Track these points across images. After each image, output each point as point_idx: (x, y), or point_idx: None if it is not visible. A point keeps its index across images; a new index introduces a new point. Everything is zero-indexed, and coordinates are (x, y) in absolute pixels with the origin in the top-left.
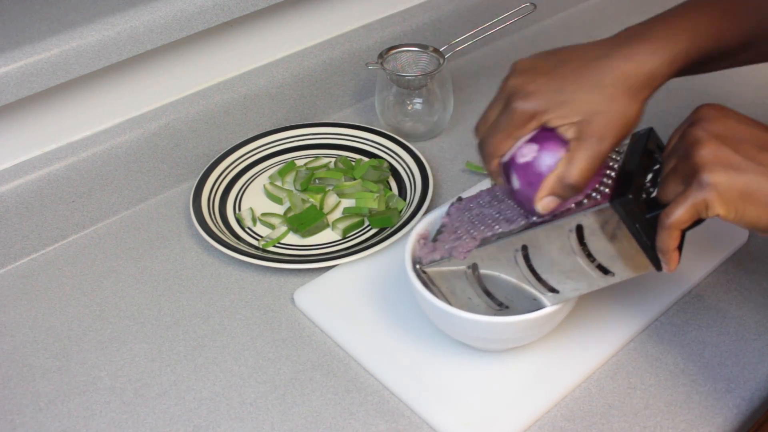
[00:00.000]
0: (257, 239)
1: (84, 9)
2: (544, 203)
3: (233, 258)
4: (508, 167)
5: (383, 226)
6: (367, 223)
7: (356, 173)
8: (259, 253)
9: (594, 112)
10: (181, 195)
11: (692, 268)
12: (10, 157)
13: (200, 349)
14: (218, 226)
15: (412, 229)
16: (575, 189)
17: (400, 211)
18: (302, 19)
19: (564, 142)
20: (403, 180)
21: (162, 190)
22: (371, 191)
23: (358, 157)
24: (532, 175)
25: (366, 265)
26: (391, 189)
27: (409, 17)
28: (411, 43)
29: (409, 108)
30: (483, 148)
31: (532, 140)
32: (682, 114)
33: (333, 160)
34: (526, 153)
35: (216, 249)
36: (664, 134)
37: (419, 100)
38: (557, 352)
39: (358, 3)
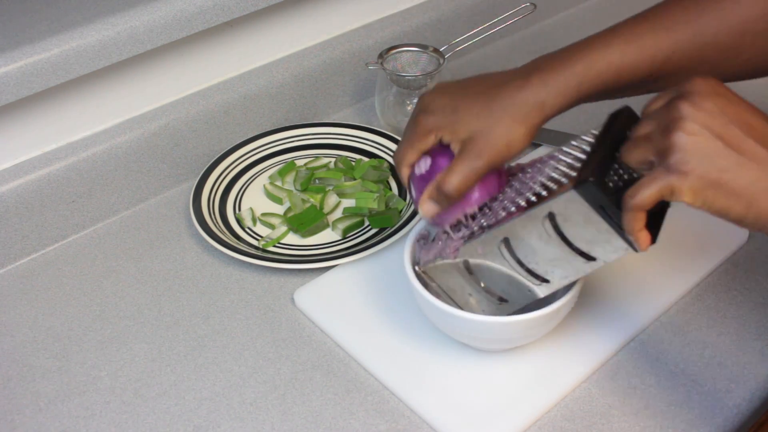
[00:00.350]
0: (257, 239)
1: (84, 9)
2: (424, 208)
3: (233, 258)
4: (411, 179)
5: (383, 226)
6: (367, 223)
7: (356, 173)
8: (259, 253)
9: (478, 131)
10: (181, 195)
11: (692, 268)
12: (10, 157)
13: (200, 349)
14: (218, 226)
15: (412, 229)
16: (450, 197)
17: (400, 211)
18: (302, 19)
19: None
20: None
21: (162, 190)
22: (371, 191)
23: (358, 157)
24: (424, 184)
25: (366, 265)
26: (391, 189)
27: (409, 17)
28: (411, 43)
29: (409, 108)
30: (395, 156)
31: (429, 154)
32: None
33: (333, 160)
34: (422, 166)
35: (216, 249)
36: None
37: None
38: (557, 352)
39: (358, 3)
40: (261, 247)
